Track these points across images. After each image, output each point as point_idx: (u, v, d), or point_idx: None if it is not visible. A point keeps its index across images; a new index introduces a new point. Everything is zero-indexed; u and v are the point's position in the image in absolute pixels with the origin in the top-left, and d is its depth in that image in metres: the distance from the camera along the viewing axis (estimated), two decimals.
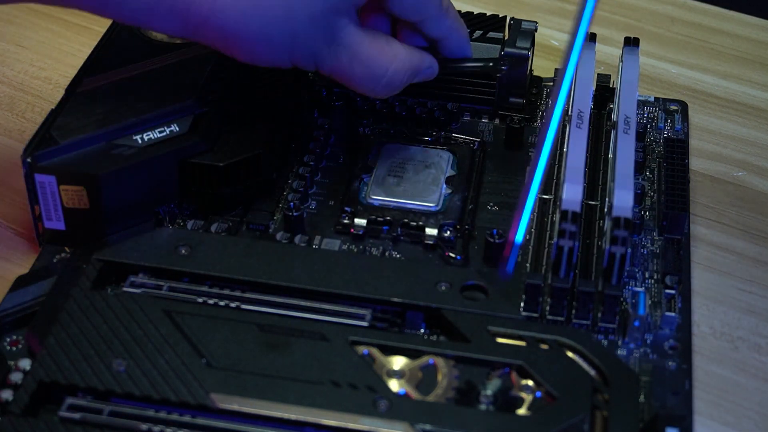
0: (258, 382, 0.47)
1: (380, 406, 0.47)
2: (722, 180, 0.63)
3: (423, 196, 0.58)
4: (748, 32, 0.76)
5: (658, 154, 0.62)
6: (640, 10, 0.78)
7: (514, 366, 0.49)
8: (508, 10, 0.66)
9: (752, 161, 0.65)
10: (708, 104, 0.69)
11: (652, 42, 0.74)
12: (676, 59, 0.73)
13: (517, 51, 0.62)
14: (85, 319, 0.50)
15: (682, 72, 0.72)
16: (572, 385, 0.48)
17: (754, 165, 0.64)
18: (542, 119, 0.64)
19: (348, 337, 0.50)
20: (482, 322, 0.51)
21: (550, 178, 0.60)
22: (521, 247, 0.56)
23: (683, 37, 0.75)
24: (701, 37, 0.75)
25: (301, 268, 0.53)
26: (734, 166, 0.64)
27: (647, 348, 0.52)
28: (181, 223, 0.56)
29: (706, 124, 0.67)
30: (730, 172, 0.64)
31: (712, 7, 0.78)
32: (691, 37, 0.75)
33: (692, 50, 0.74)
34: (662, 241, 0.57)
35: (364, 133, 0.63)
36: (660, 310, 0.53)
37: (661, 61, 0.72)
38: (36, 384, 0.47)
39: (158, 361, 0.48)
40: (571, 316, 0.52)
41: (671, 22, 0.76)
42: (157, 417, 0.47)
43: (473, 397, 0.48)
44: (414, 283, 0.52)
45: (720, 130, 0.67)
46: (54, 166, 0.53)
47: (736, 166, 0.64)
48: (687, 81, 0.71)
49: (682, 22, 0.77)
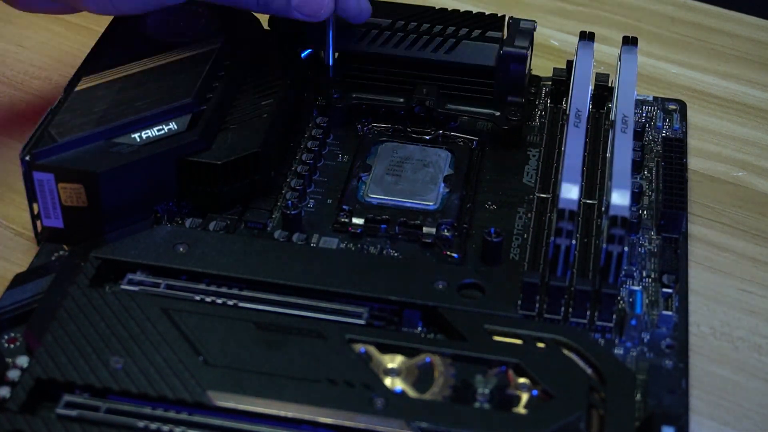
0: (255, 380, 0.47)
1: (376, 403, 0.47)
2: (722, 180, 0.63)
3: (421, 195, 0.58)
4: (748, 32, 0.76)
5: (657, 154, 0.62)
6: (640, 10, 0.78)
7: (511, 364, 0.49)
8: (508, 10, 0.66)
9: (752, 161, 0.65)
10: (708, 104, 0.69)
11: (652, 42, 0.74)
12: (676, 59, 0.73)
13: (515, 50, 0.63)
14: (83, 316, 0.50)
15: (682, 72, 0.72)
16: (569, 383, 0.48)
17: (754, 165, 0.64)
18: (541, 118, 0.64)
19: (345, 335, 0.50)
20: (479, 321, 0.51)
21: (548, 177, 0.60)
22: (518, 246, 0.56)
23: (683, 37, 0.75)
24: (701, 37, 0.75)
25: (298, 267, 0.53)
26: (734, 166, 0.64)
27: (644, 347, 0.52)
28: (180, 221, 0.57)
29: (706, 124, 0.67)
30: (730, 172, 0.64)
31: (712, 7, 0.78)
32: (691, 37, 0.75)
33: (692, 50, 0.74)
34: (660, 240, 0.57)
35: (362, 131, 0.63)
36: (657, 308, 0.53)
37: (661, 60, 0.72)
38: (33, 381, 0.47)
39: (155, 359, 0.48)
40: (568, 314, 0.52)
41: (671, 22, 0.76)
42: (154, 414, 0.47)
43: (470, 395, 0.48)
44: (411, 281, 0.52)
45: (720, 130, 0.67)
46: (52, 164, 0.53)
47: (736, 166, 0.64)
48: (687, 81, 0.71)
49: (682, 22, 0.77)
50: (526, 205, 0.59)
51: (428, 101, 0.63)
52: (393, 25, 0.64)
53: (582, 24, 0.64)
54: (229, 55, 0.60)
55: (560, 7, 0.78)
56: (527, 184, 0.60)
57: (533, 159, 0.62)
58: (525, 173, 0.61)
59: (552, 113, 0.64)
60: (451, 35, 0.63)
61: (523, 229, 0.57)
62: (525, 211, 0.58)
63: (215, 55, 0.59)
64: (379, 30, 0.63)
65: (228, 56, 0.60)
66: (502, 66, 0.63)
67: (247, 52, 0.61)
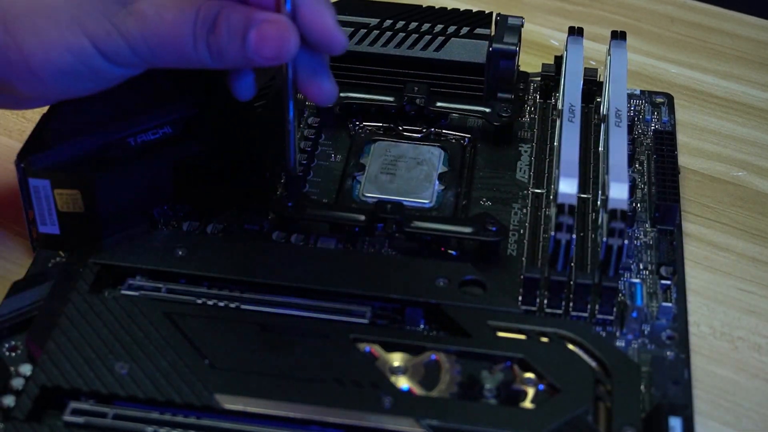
0: (261, 382, 0.47)
1: (385, 402, 0.47)
2: (722, 180, 0.63)
3: (416, 193, 0.58)
4: (748, 32, 0.76)
5: (647, 147, 0.63)
6: (640, 10, 0.78)
7: (516, 359, 0.49)
8: (508, 10, 0.66)
9: (752, 161, 0.65)
10: (708, 104, 0.69)
11: (652, 42, 0.75)
12: (676, 59, 0.73)
13: (504, 47, 0.63)
14: (85, 322, 0.50)
15: (682, 72, 0.72)
16: (574, 377, 0.48)
17: (754, 165, 0.64)
18: (531, 114, 0.65)
19: (349, 334, 0.50)
20: (482, 317, 0.51)
21: (542, 172, 0.60)
22: (515, 242, 0.56)
23: (683, 37, 0.75)
24: (701, 37, 0.75)
25: (299, 267, 0.53)
26: (734, 166, 0.64)
27: (645, 339, 0.52)
28: (176, 225, 0.56)
29: (705, 124, 0.67)
30: (730, 172, 0.64)
31: (712, 7, 0.78)
32: (690, 37, 0.75)
33: (692, 50, 0.74)
34: (655, 232, 0.57)
35: (354, 131, 0.63)
36: (656, 300, 0.54)
37: (661, 60, 0.73)
38: (38, 389, 0.47)
39: (161, 363, 0.48)
40: (568, 308, 0.53)
41: (671, 22, 0.77)
42: (162, 419, 0.46)
43: (477, 391, 0.48)
44: (413, 279, 0.52)
45: (720, 130, 0.67)
46: (48, 170, 0.52)
47: (736, 166, 0.64)
48: (687, 81, 0.71)
49: (682, 22, 0.77)
50: (521, 200, 0.59)
51: (419, 99, 0.63)
52: (381, 24, 0.64)
53: (582, 24, 0.64)
54: None
55: (560, 7, 0.78)
56: (520, 179, 0.60)
57: (525, 155, 0.62)
58: (518, 169, 0.61)
59: (542, 109, 0.65)
60: (440, 33, 0.63)
61: (519, 224, 0.57)
62: (520, 206, 0.59)
63: None
64: (368, 29, 0.63)
65: None
66: (492, 63, 0.63)
67: None
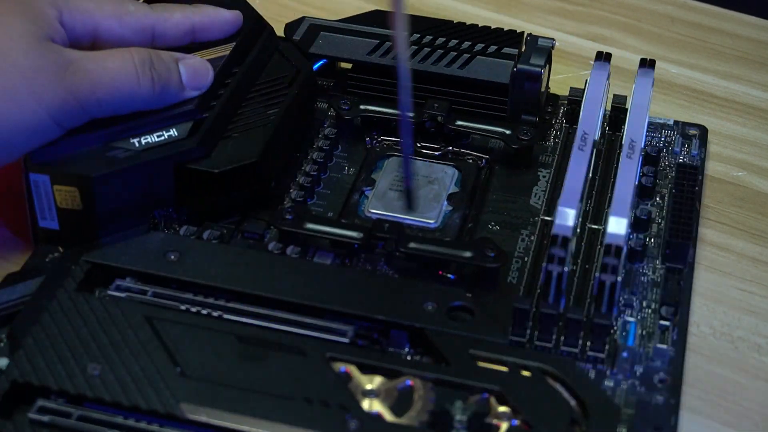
0: (230, 394, 0.47)
1: (350, 425, 0.46)
2: (722, 180, 0.63)
3: (422, 212, 0.57)
4: (748, 32, 0.75)
5: (671, 180, 0.61)
6: (640, 10, 0.77)
7: (494, 391, 0.48)
8: (508, 10, 0.65)
9: (752, 161, 0.64)
10: (708, 104, 0.68)
11: (652, 42, 0.74)
12: (676, 59, 0.72)
13: (530, 68, 0.61)
14: (66, 321, 0.50)
15: (682, 72, 0.71)
16: (550, 414, 0.47)
17: (754, 165, 0.64)
18: (555, 139, 0.63)
19: (326, 353, 0.49)
20: (465, 345, 0.49)
21: (555, 199, 0.58)
22: (517, 269, 0.55)
23: (683, 37, 0.74)
24: (701, 37, 0.74)
25: (287, 280, 0.52)
26: (734, 166, 0.64)
27: (636, 380, 0.50)
28: (177, 228, 0.56)
29: (706, 124, 0.66)
30: (730, 172, 0.63)
31: (712, 7, 0.77)
32: (690, 37, 0.74)
33: (692, 50, 0.73)
34: (663, 269, 0.55)
35: (371, 145, 0.62)
36: (653, 341, 0.52)
37: (661, 60, 0.71)
38: (9, 384, 0.47)
39: (133, 368, 0.48)
40: (559, 342, 0.51)
41: (671, 22, 0.76)
42: (125, 424, 0.46)
43: (447, 422, 0.47)
44: (401, 301, 0.51)
45: (720, 130, 0.66)
46: (48, 166, 0.53)
47: (736, 166, 0.64)
48: (687, 81, 0.70)
49: (682, 22, 0.76)
50: (530, 227, 0.57)
51: (439, 116, 0.61)
52: (408, 38, 0.63)
53: (582, 24, 0.63)
54: (238, 62, 0.59)
55: (560, 7, 0.77)
56: (534, 205, 0.59)
57: (543, 180, 0.60)
58: (533, 194, 0.59)
59: (567, 134, 0.63)
60: (466, 50, 0.62)
61: (525, 252, 0.56)
62: (528, 233, 0.57)
63: (224, 62, 0.59)
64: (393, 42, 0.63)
65: (237, 64, 0.59)
66: (516, 83, 0.61)
67: (257, 60, 0.60)
